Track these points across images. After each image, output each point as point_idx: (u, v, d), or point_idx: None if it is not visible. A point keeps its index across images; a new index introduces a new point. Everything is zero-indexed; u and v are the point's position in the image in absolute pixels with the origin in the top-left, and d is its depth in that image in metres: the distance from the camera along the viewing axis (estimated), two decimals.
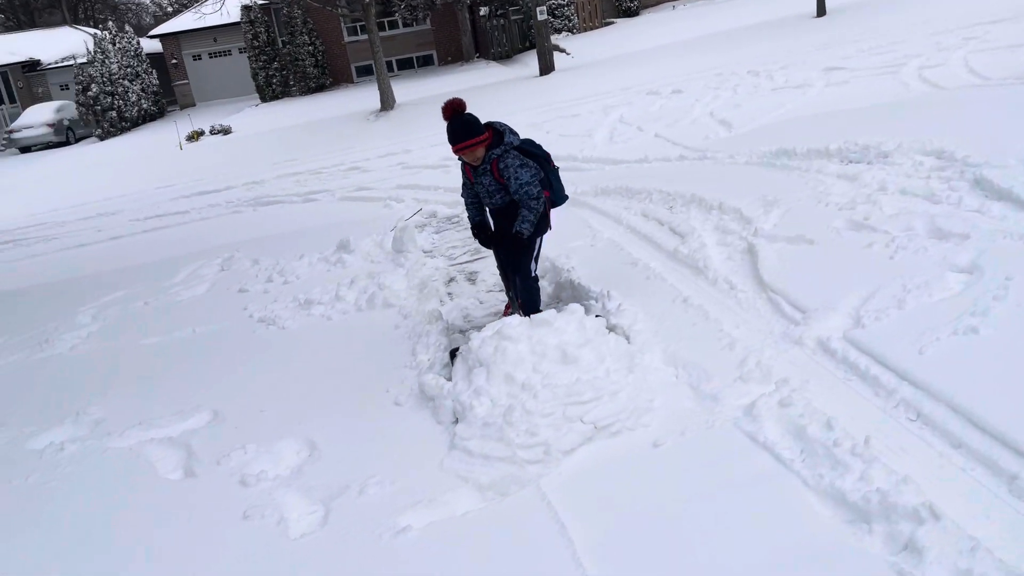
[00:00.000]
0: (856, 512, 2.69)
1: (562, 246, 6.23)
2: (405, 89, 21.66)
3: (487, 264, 6.56)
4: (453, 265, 6.80)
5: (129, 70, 28.35)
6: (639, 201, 7.34)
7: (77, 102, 27.35)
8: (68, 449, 4.14)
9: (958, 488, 2.75)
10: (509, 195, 4.45)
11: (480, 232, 4.76)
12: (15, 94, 33.48)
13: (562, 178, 4.91)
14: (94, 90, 26.77)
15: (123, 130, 27.32)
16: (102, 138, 27.03)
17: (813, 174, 6.83)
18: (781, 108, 11.10)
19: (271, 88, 27.18)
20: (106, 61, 27.23)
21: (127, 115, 27.56)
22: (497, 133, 4.44)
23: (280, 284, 6.75)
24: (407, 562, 2.82)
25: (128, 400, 4.69)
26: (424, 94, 20.55)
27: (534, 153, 4.59)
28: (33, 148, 28.93)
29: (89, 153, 24.23)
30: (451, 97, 4.44)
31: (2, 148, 30.44)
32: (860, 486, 2.76)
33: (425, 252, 7.30)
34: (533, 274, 4.63)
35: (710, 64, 17.69)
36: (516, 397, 3.54)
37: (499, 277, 6.00)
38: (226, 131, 21.58)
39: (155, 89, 30.01)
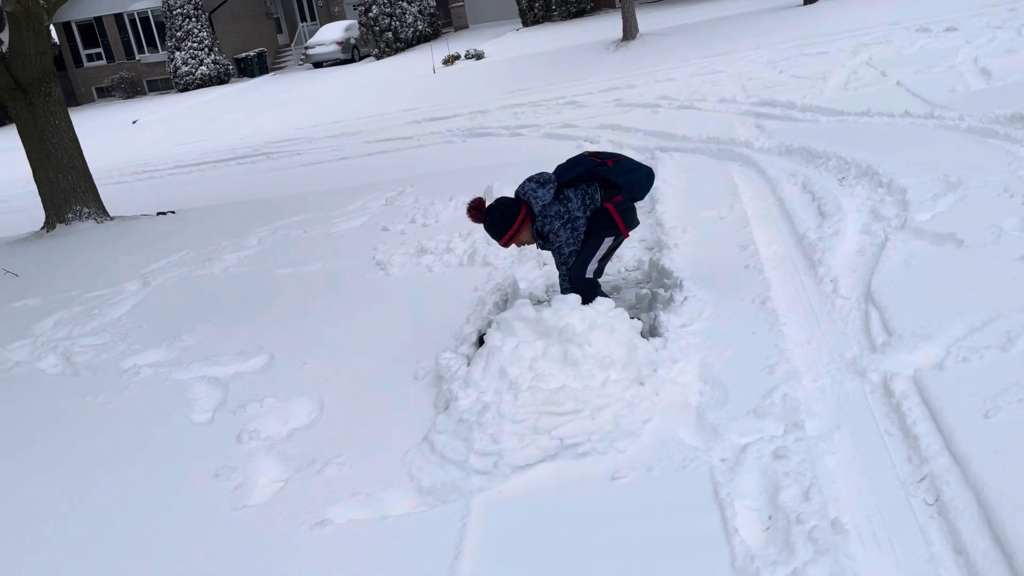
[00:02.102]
0: None
1: (689, 216, 5.67)
2: (654, 18, 20.76)
3: None
4: None
5: None
6: (814, 167, 6.47)
7: (359, 22, 29.41)
8: (143, 374, 4.54)
9: None
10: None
11: None
12: (316, 12, 36.71)
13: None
14: (374, 11, 28.58)
15: (397, 50, 29.01)
16: (378, 57, 28.95)
17: None
18: None
19: (533, 12, 27.33)
20: None
21: (402, 36, 29.18)
22: (528, 205, 3.92)
23: (419, 226, 6.84)
24: (301, 557, 2.76)
25: (215, 331, 5.03)
26: (671, 23, 19.57)
27: (576, 178, 3.99)
28: (324, 64, 31.74)
29: (362, 72, 26.07)
30: (470, 203, 3.95)
31: (300, 63, 33.72)
32: None
33: None
34: (588, 275, 4.02)
35: None
36: (500, 395, 3.29)
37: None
38: (479, 56, 22.13)
39: (432, 11, 31.39)
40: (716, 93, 11.66)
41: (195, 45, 31.81)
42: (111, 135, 24.73)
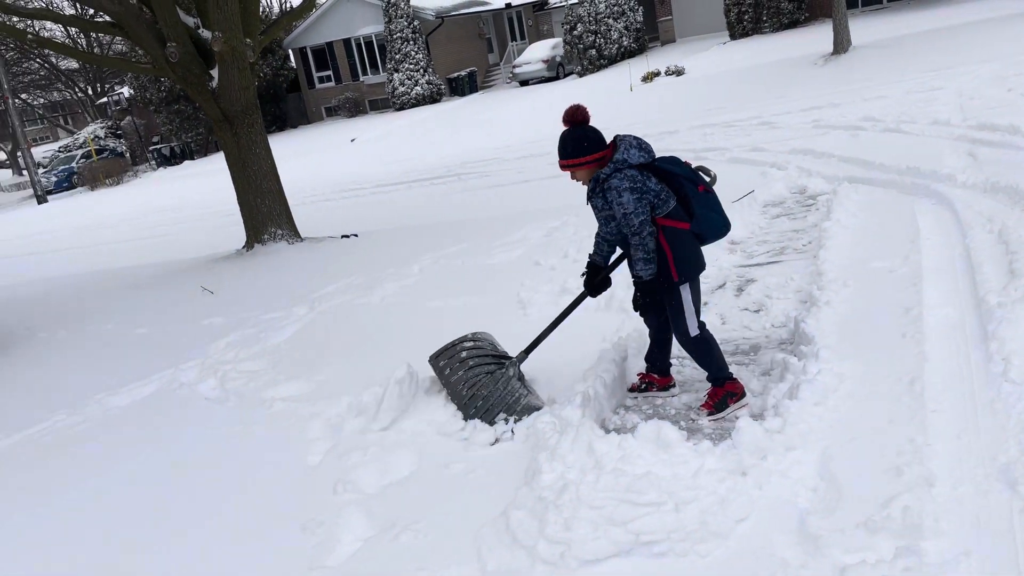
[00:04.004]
0: None
1: (855, 266, 5.11)
2: (871, 28, 19.23)
3: (773, 271, 5.66)
4: (741, 266, 6.00)
5: (615, 8, 29.76)
6: (1019, 210, 5.63)
7: (564, 40, 29.72)
8: (275, 408, 4.72)
9: None
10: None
11: (589, 274, 4.04)
12: (525, 31, 37.58)
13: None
14: (579, 29, 28.75)
15: (600, 67, 28.99)
16: (581, 75, 29.07)
17: None
18: None
19: (742, 25, 26.29)
20: (594, 1, 28.95)
21: (606, 52, 29.12)
22: (615, 149, 3.71)
23: (570, 262, 6.68)
24: None
25: (350, 366, 5.16)
26: (889, 34, 18.04)
27: (668, 171, 3.71)
28: (530, 82, 32.36)
29: (562, 90, 26.27)
30: (573, 104, 3.80)
31: (508, 81, 34.61)
32: None
33: (733, 244, 6.55)
34: (692, 333, 3.71)
35: None
36: (584, 473, 3.07)
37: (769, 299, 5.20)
38: (679, 72, 21.59)
39: (638, 26, 31.11)
40: (929, 114, 10.58)
41: (411, 66, 33.56)
42: (332, 152, 26.64)
